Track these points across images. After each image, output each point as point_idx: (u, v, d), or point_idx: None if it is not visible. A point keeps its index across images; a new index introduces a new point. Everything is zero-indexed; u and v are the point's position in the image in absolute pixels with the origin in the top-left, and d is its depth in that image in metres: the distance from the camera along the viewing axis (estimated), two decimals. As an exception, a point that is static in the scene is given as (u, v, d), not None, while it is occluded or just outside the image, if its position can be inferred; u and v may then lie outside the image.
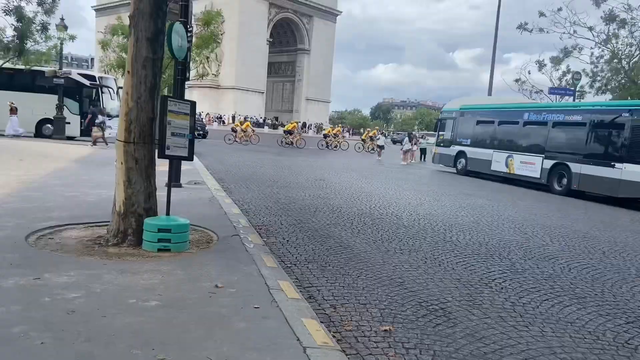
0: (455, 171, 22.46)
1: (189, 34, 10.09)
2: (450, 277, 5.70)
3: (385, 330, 4.03)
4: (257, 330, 3.55)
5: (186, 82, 10.65)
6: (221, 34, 28.72)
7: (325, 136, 36.97)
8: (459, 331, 4.12)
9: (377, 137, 32.34)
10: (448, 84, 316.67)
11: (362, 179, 16.16)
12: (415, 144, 30.14)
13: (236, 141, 31.00)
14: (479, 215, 10.45)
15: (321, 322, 3.91)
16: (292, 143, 33.11)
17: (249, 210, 8.75)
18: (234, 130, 32.58)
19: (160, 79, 5.73)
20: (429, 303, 4.73)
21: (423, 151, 30.95)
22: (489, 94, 31.80)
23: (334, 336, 3.77)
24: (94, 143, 19.60)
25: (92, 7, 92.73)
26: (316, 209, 9.38)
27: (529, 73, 32.66)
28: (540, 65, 32.65)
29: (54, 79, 20.91)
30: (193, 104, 5.84)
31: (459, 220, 9.49)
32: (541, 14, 29.93)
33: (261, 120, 75.89)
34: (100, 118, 19.97)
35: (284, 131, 35.79)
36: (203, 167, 14.87)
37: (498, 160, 19.71)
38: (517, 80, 32.85)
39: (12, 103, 20.29)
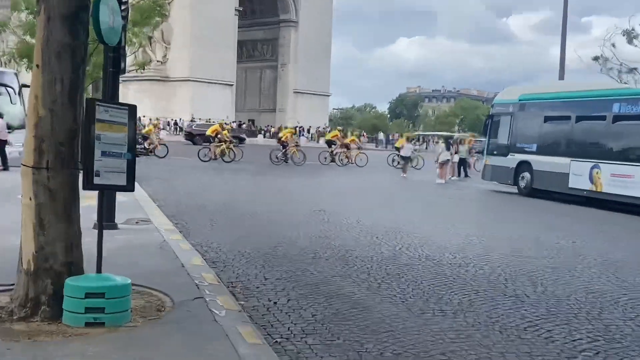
0: (516, 190, 22.50)
1: (122, 7, 10.20)
2: (516, 350, 5.67)
3: None
4: None
5: (120, 76, 10.73)
6: (168, 3, 29.02)
7: (329, 143, 36.88)
8: None
9: (401, 145, 32.40)
10: (501, 65, 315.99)
11: (381, 206, 16.20)
12: (456, 152, 30.22)
13: (212, 158, 31.43)
14: (555, 255, 10.42)
15: None
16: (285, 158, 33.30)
17: (217, 259, 8.73)
18: (211, 139, 32.91)
19: (84, 74, 5.80)
20: (487, 390, 4.68)
21: (462, 162, 30.92)
22: (561, 77, 32.06)
23: None
24: None
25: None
26: (315, 255, 9.39)
27: (614, 47, 32.46)
28: (629, 35, 32.69)
29: None
30: (132, 109, 5.88)
31: (526, 265, 9.47)
32: None
33: (232, 124, 75.88)
34: None
35: (278, 139, 36.01)
36: (147, 196, 14.92)
37: (578, 173, 19.75)
38: (596, 58, 32.91)
39: None
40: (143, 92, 75.00)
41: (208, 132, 34.58)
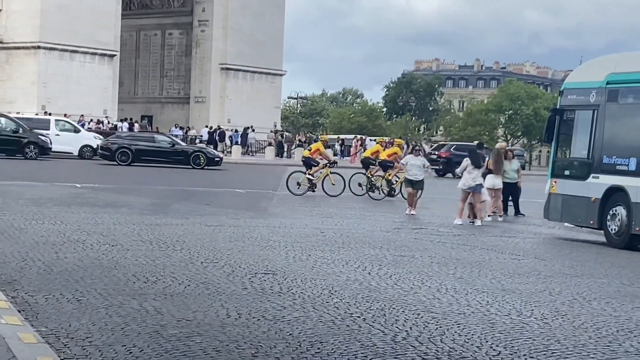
0: (604, 239, 16.98)
1: None
2: None
3: None
4: None
5: None
6: None
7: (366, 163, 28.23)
8: None
9: (404, 160, 23.75)
10: (580, 20, 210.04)
11: (371, 266, 12.12)
12: (494, 173, 21.75)
13: None
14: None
15: None
16: None
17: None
18: None
19: None
20: None
21: (511, 190, 22.76)
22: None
23: None
24: None
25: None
26: (258, 351, 7.02)
27: None
28: None
29: None
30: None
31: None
32: None
33: (106, 122, 51.94)
34: None
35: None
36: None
37: None
38: None
39: None
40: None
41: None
